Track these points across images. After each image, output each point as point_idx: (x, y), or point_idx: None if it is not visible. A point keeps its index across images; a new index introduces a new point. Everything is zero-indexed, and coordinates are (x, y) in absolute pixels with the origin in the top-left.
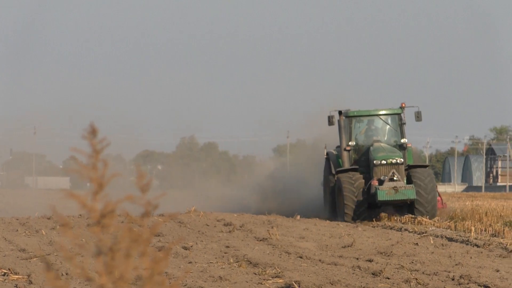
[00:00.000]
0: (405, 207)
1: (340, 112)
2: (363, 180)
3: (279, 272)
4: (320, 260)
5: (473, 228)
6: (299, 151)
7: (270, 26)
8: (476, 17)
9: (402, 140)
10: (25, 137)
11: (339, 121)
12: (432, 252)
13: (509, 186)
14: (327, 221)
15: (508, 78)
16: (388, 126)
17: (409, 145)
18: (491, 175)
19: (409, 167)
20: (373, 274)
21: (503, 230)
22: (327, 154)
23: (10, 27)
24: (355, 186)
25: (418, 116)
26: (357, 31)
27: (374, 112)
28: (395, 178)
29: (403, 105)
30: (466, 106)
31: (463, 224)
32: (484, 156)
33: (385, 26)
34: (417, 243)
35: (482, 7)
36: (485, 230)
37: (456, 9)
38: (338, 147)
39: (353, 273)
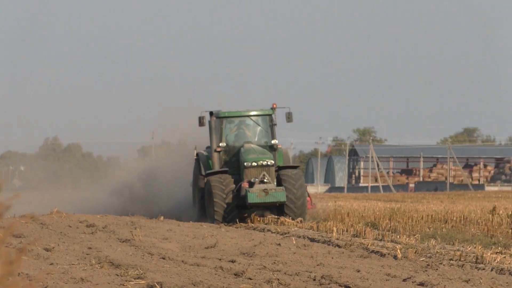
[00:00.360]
0: (275, 208)
1: (211, 113)
2: (233, 182)
3: (142, 273)
4: (183, 261)
5: (335, 229)
6: (165, 152)
7: (125, 29)
8: (338, 19)
9: (273, 141)
10: None
11: (210, 121)
12: (294, 253)
13: (371, 186)
14: (191, 222)
15: (371, 80)
16: (259, 127)
17: (279, 146)
18: (353, 176)
19: (279, 169)
20: (235, 274)
21: (365, 230)
22: (197, 155)
23: None
24: (225, 188)
25: (289, 117)
26: (219, 31)
27: (245, 113)
28: (265, 180)
29: (274, 106)
30: (330, 108)
31: (325, 224)
32: (347, 157)
33: (251, 29)
34: (279, 244)
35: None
36: (347, 231)
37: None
38: (209, 147)
39: (215, 274)
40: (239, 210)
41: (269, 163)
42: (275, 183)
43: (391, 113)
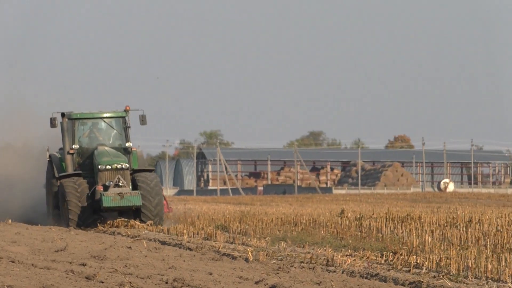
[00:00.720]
0: (130, 212)
1: (62, 114)
2: (88, 185)
3: None
4: (32, 265)
5: (185, 232)
6: (8, 153)
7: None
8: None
9: (127, 144)
10: None
11: (62, 123)
12: (146, 256)
13: (220, 189)
14: (39, 225)
15: (216, 83)
16: (112, 129)
17: (134, 149)
18: (202, 178)
19: (134, 172)
20: (86, 278)
21: (215, 233)
22: (50, 156)
23: None
24: (79, 192)
25: (143, 120)
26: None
27: (98, 114)
28: (120, 184)
29: (128, 108)
30: (177, 111)
31: (176, 227)
32: (195, 160)
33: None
34: (130, 247)
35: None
36: (198, 234)
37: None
38: (62, 149)
39: (66, 277)
40: (94, 214)
41: (123, 166)
42: (131, 186)
43: (238, 116)
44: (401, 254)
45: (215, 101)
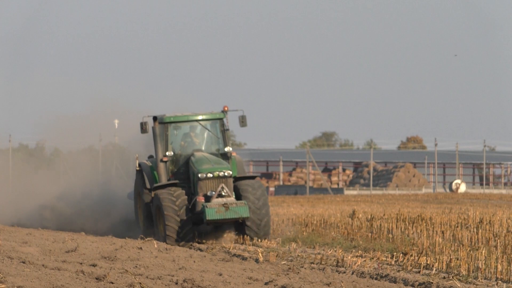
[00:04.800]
0: (233, 225)
1: (154, 118)
2: (186, 197)
3: (2, 278)
4: (43, 265)
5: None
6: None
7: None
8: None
9: (226, 149)
10: None
11: (153, 128)
12: (156, 256)
13: None
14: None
15: (213, 84)
16: (209, 133)
17: (233, 154)
18: None
19: (236, 179)
20: (97, 278)
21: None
22: (140, 165)
23: None
24: (177, 204)
25: (242, 121)
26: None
27: (193, 117)
28: (224, 194)
29: (226, 108)
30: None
31: None
32: None
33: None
34: (141, 248)
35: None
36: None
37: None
38: (152, 157)
39: (77, 278)
40: (194, 227)
41: (226, 173)
42: (234, 196)
43: (250, 117)
44: (411, 255)
45: (227, 101)
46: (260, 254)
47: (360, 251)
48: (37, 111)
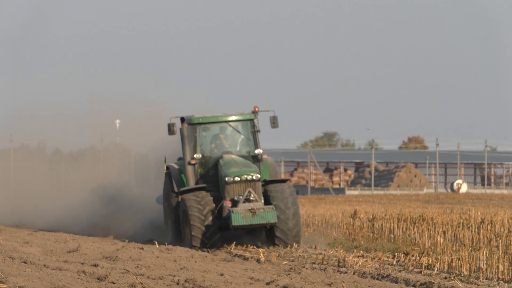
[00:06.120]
0: (262, 231)
1: (182, 119)
2: (212, 199)
3: (3, 278)
4: (44, 265)
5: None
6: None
7: None
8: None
9: (257, 151)
10: None
11: (181, 129)
12: (158, 257)
13: None
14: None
15: (214, 84)
16: (239, 135)
17: (264, 156)
18: None
19: (266, 183)
20: (98, 278)
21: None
22: (168, 168)
23: None
24: (203, 209)
25: (274, 122)
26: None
27: (222, 118)
28: (251, 198)
29: (257, 109)
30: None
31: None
32: None
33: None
34: (142, 248)
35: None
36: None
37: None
38: (180, 159)
39: (78, 278)
40: (221, 233)
41: (254, 177)
42: (263, 201)
43: None
44: (412, 255)
45: (227, 102)
46: (261, 254)
47: (361, 251)
48: (38, 111)
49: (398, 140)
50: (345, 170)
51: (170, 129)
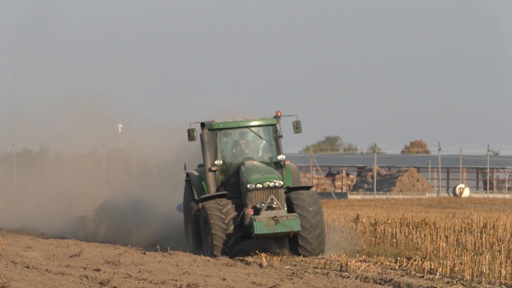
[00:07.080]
0: (285, 239)
1: (202, 124)
2: (233, 206)
3: (5, 282)
4: (47, 270)
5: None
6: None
7: None
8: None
9: (279, 157)
10: None
11: (201, 135)
12: (160, 261)
13: None
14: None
15: (216, 90)
16: (261, 140)
17: (287, 162)
18: None
19: (289, 190)
20: (100, 283)
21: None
22: (188, 175)
23: None
24: (225, 217)
25: (297, 127)
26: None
27: (244, 123)
28: (274, 206)
29: (279, 114)
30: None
31: None
32: None
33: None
34: (144, 252)
35: None
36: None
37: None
38: (201, 166)
39: (80, 283)
40: (242, 240)
41: (277, 184)
42: (286, 208)
43: None
44: (415, 260)
45: (228, 105)
46: (263, 258)
47: (364, 256)
48: (40, 115)
49: (401, 144)
50: (347, 174)
51: (190, 135)
